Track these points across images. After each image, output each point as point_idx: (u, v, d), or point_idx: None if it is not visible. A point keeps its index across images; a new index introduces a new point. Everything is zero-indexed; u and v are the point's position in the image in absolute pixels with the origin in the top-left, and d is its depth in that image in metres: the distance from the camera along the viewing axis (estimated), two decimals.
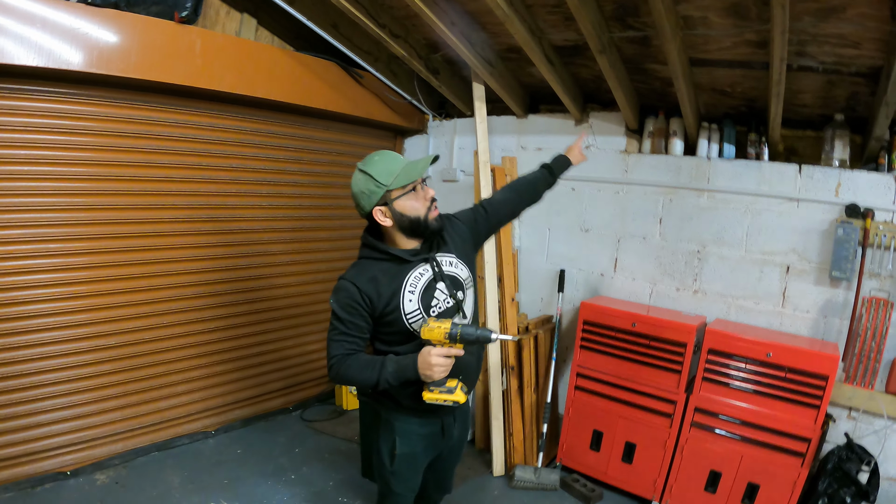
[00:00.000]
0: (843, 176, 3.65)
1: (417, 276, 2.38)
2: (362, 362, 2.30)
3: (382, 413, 2.56)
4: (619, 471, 4.05)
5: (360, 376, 2.29)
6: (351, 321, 2.32)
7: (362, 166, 2.33)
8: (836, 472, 3.34)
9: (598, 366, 4.13)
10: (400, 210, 2.32)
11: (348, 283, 2.32)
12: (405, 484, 2.60)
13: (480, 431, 4.71)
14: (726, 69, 3.72)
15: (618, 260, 4.55)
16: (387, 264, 2.38)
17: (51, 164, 3.60)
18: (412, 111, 5.50)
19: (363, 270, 2.36)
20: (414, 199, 2.34)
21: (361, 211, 2.36)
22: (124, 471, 4.01)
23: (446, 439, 2.63)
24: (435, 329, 2.23)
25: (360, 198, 2.33)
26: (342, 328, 2.32)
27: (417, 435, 2.52)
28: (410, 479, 2.61)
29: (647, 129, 4.40)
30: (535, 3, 3.64)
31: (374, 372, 2.26)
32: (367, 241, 2.43)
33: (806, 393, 3.37)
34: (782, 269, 3.87)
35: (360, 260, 2.43)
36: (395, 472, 2.55)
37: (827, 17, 3.01)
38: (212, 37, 3.89)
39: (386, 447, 2.54)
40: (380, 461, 2.58)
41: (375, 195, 2.29)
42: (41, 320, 3.68)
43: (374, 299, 2.31)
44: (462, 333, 2.21)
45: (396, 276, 2.36)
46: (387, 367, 2.25)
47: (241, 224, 4.62)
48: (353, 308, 2.31)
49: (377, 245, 2.40)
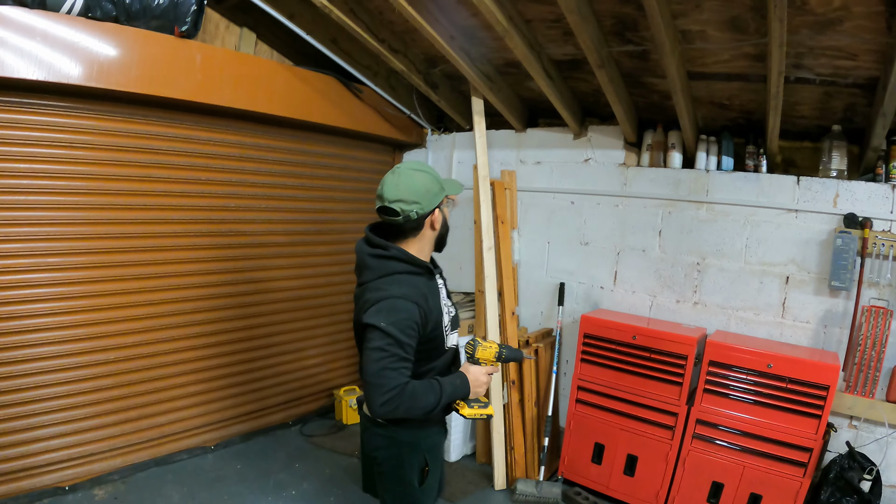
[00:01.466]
0: (841, 186, 3.67)
1: (441, 287, 2.43)
2: (422, 388, 2.17)
3: (402, 437, 2.37)
4: (621, 483, 4.03)
5: (424, 403, 2.16)
6: (410, 345, 2.15)
7: (418, 168, 2.30)
8: (839, 481, 3.34)
9: (599, 378, 4.12)
10: (445, 216, 2.40)
11: (408, 302, 2.16)
12: (431, 496, 2.51)
13: (482, 445, 4.70)
14: (724, 82, 3.76)
15: (617, 273, 4.56)
16: (423, 279, 2.31)
17: (50, 178, 3.60)
18: (411, 125, 5.52)
19: (412, 287, 2.22)
20: (446, 213, 2.43)
21: (419, 209, 2.25)
22: (123, 486, 3.97)
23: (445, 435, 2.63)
24: (488, 349, 2.38)
25: (422, 195, 2.24)
26: (402, 353, 2.12)
27: (440, 444, 2.51)
28: (435, 485, 2.52)
29: (645, 142, 4.43)
30: (535, 18, 3.68)
31: (437, 395, 2.19)
32: (403, 256, 2.28)
33: (807, 403, 3.37)
34: (782, 280, 3.88)
35: (400, 276, 2.25)
36: (426, 489, 2.44)
37: (824, 29, 3.05)
38: (211, 51, 3.91)
39: (414, 470, 2.39)
40: (404, 485, 2.42)
41: (438, 196, 2.30)
42: (40, 334, 3.67)
43: (429, 315, 2.24)
44: (507, 354, 2.40)
45: (434, 290, 2.34)
46: (445, 388, 2.21)
47: (240, 238, 4.62)
48: (413, 330, 2.16)
49: (415, 259, 2.29)
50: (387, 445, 2.37)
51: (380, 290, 2.18)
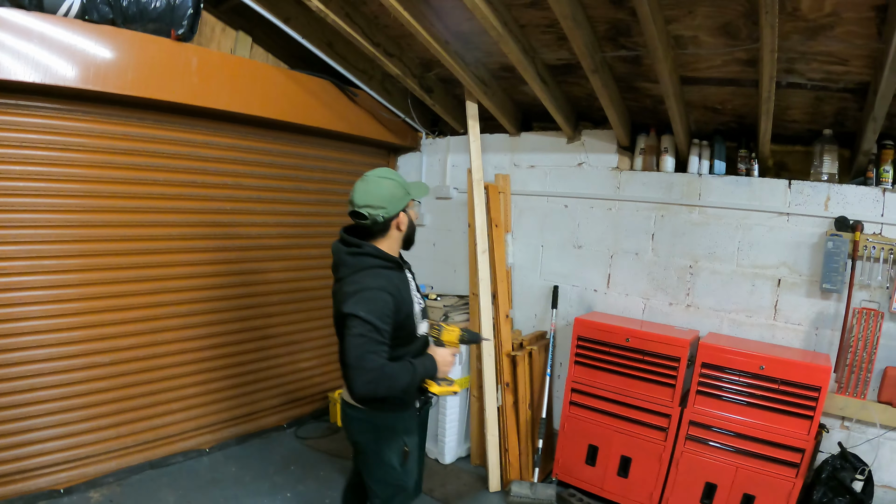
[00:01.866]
0: (832, 190, 3.71)
1: (410, 280, 2.72)
2: (398, 369, 2.41)
3: (379, 422, 2.63)
4: (614, 485, 4.05)
5: (398, 382, 2.39)
6: (387, 330, 2.39)
7: (385, 175, 2.59)
8: (831, 482, 3.37)
9: (592, 381, 4.14)
10: (411, 218, 2.67)
11: (383, 292, 2.42)
12: (413, 476, 2.80)
13: (476, 447, 4.71)
14: (717, 87, 3.79)
15: (611, 276, 4.58)
16: (395, 272, 2.58)
17: (45, 180, 3.60)
18: (406, 129, 5.54)
19: (386, 280, 2.48)
20: (414, 213, 2.71)
21: (385, 213, 2.51)
22: (118, 489, 3.97)
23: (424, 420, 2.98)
24: (452, 332, 2.75)
25: (388, 201, 2.51)
26: (380, 338, 2.35)
27: (416, 426, 2.78)
28: (416, 468, 2.83)
29: (638, 146, 4.47)
30: (529, 23, 3.70)
31: (411, 374, 2.46)
32: (376, 252, 2.54)
33: (799, 404, 3.40)
34: (774, 283, 3.91)
35: (374, 270, 2.50)
36: (407, 469, 2.71)
37: (815, 35, 3.09)
38: (208, 54, 3.92)
39: (394, 451, 2.64)
40: (387, 468, 2.66)
41: (403, 201, 2.57)
42: (34, 336, 3.67)
43: (401, 305, 2.50)
44: (468, 337, 2.77)
45: (405, 284, 2.62)
46: (417, 368, 2.50)
47: (235, 241, 4.63)
48: (388, 317, 2.41)
49: (386, 255, 2.57)
50: (366, 430, 2.63)
51: (357, 283, 2.43)
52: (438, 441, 4.71)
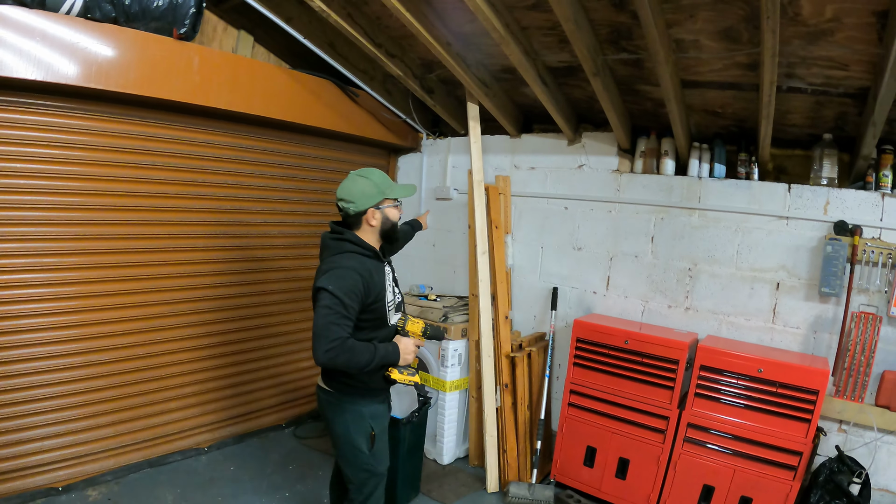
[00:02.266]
0: (832, 194, 3.72)
1: (387, 272, 2.94)
2: (360, 346, 2.61)
3: (347, 404, 2.83)
4: (612, 486, 4.06)
5: (359, 358, 2.59)
6: (352, 306, 2.60)
7: (361, 174, 2.85)
8: (828, 485, 3.37)
9: (591, 382, 4.15)
10: (387, 215, 2.86)
11: (353, 272, 2.64)
12: (384, 461, 2.98)
13: (474, 448, 4.72)
14: (717, 90, 3.80)
15: (610, 278, 4.59)
16: (372, 260, 2.82)
17: (47, 178, 3.61)
18: (406, 130, 5.55)
19: (359, 262, 2.72)
20: (396, 210, 2.92)
21: (354, 208, 2.77)
22: (116, 487, 3.98)
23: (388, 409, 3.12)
24: (416, 324, 2.99)
25: (358, 197, 2.77)
26: (345, 312, 2.56)
27: (382, 412, 2.98)
28: (385, 453, 3.00)
29: (639, 148, 4.47)
30: (531, 25, 3.71)
31: (371, 354, 2.64)
32: (355, 239, 2.79)
33: (797, 407, 3.41)
34: (772, 286, 3.92)
35: (349, 254, 2.75)
36: (376, 453, 2.89)
37: (816, 40, 3.10)
38: (209, 54, 3.92)
39: (361, 434, 2.84)
40: (355, 450, 2.85)
41: (374, 198, 2.79)
42: (34, 335, 3.67)
43: (370, 288, 2.71)
44: (430, 332, 3.04)
45: (380, 272, 2.85)
46: (378, 350, 2.68)
47: (235, 240, 4.63)
48: (355, 294, 2.62)
49: (365, 243, 2.81)
50: (336, 413, 2.83)
51: (332, 262, 2.69)
52: (437, 441, 4.72)
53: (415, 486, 4.22)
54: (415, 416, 3.93)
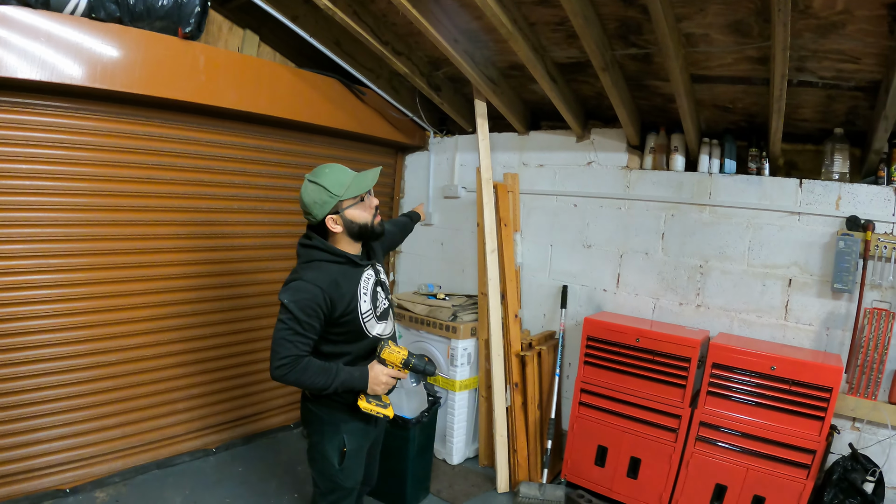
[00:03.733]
0: (844, 189, 3.68)
1: (366, 278, 2.66)
2: (315, 368, 2.44)
3: (325, 416, 2.67)
4: (624, 486, 4.03)
5: (312, 380, 2.43)
6: (308, 322, 2.41)
7: (312, 178, 2.55)
8: (842, 483, 3.33)
9: (602, 381, 4.12)
10: (350, 218, 2.57)
11: (310, 284, 2.43)
12: (353, 478, 2.78)
13: (484, 448, 4.70)
14: (727, 85, 3.76)
15: (620, 275, 4.56)
16: (343, 267, 2.58)
17: (52, 179, 3.59)
18: (413, 128, 5.53)
19: (323, 273, 2.50)
20: (361, 209, 2.60)
21: (312, 219, 2.57)
22: (124, 489, 3.96)
23: (376, 428, 2.89)
24: (395, 353, 2.60)
25: (311, 207, 2.53)
26: (298, 328, 2.40)
27: (361, 430, 2.73)
28: (357, 471, 2.79)
29: (648, 144, 4.44)
30: (539, 21, 3.68)
31: (328, 379, 2.45)
32: (322, 245, 2.57)
33: (810, 405, 3.37)
34: (784, 283, 3.88)
35: (315, 262, 2.54)
36: (345, 469, 2.71)
37: (827, 33, 3.05)
38: (215, 53, 3.90)
39: (333, 447, 2.68)
40: (325, 461, 2.70)
41: (328, 205, 2.52)
42: (41, 336, 3.66)
43: (337, 301, 2.48)
44: (415, 364, 2.61)
45: (352, 279, 2.59)
46: (339, 376, 2.48)
47: (242, 240, 4.62)
48: (312, 310, 2.42)
49: (333, 249, 2.58)
50: (313, 420, 2.70)
51: (296, 273, 2.51)
52: (446, 442, 4.69)
53: (424, 486, 4.19)
54: (424, 416, 3.93)
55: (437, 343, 4.66)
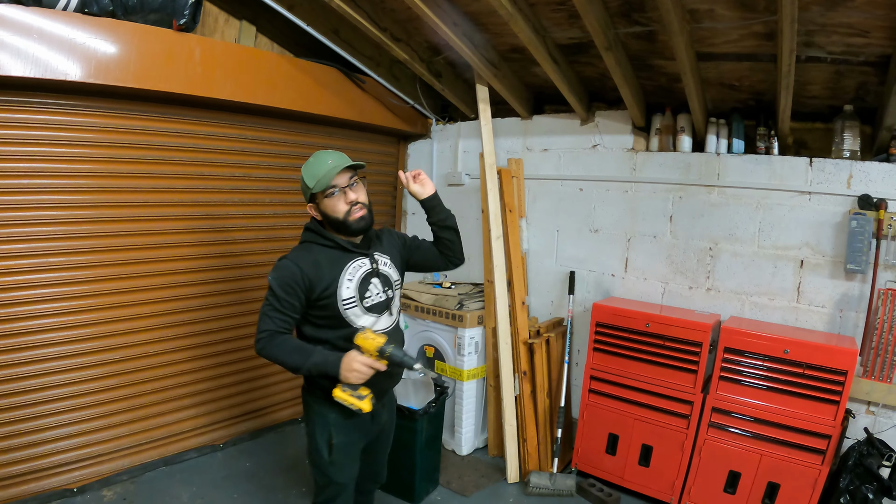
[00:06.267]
0: (855, 167, 3.60)
1: (357, 266, 2.62)
2: (291, 346, 2.47)
3: (315, 405, 2.66)
4: (636, 474, 3.99)
5: (286, 358, 2.44)
6: (287, 300, 2.46)
7: (305, 165, 2.60)
8: (857, 468, 3.27)
9: (611, 368, 4.07)
10: (324, 209, 2.57)
11: (291, 263, 2.49)
12: (344, 472, 2.72)
13: (494, 438, 4.65)
14: (734, 62, 3.69)
15: (628, 260, 4.50)
16: (331, 251, 2.59)
17: (50, 177, 3.56)
18: (415, 115, 5.47)
19: (308, 253, 2.56)
20: (335, 201, 2.55)
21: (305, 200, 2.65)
22: (132, 486, 3.95)
23: (375, 424, 2.80)
24: (369, 340, 2.44)
25: (302, 192, 2.62)
26: (277, 305, 2.45)
27: (352, 424, 2.65)
28: (348, 467, 2.73)
29: (654, 126, 4.36)
30: (539, 1, 3.61)
31: (302, 358, 2.43)
32: (314, 228, 2.64)
33: (825, 389, 3.31)
34: (796, 264, 3.81)
35: (305, 243, 2.63)
36: (334, 462, 2.66)
37: (835, 5, 2.98)
38: (211, 44, 3.84)
39: (322, 439, 2.64)
40: (317, 452, 2.67)
41: (307, 193, 2.59)
42: (46, 335, 3.63)
43: (314, 282, 2.49)
44: (391, 353, 2.42)
45: (337, 263, 2.57)
46: (313, 357, 2.43)
47: (245, 234, 4.58)
48: (291, 288, 2.46)
49: (323, 232, 2.61)
50: (307, 411, 2.71)
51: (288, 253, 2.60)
52: (455, 432, 4.65)
53: (433, 478, 4.15)
54: (432, 406, 3.89)
55: (444, 332, 4.61)
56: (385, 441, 3.00)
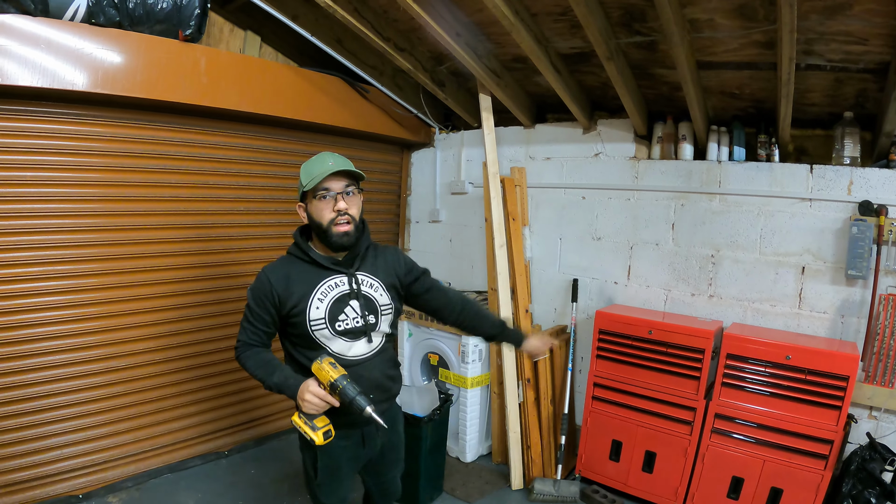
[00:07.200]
0: (855, 174, 3.61)
1: (332, 285, 2.45)
2: (259, 360, 2.40)
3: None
4: (639, 480, 3.99)
5: (254, 371, 2.38)
6: (258, 312, 2.42)
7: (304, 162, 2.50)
8: (860, 473, 3.27)
9: (615, 375, 4.08)
10: (310, 212, 2.46)
11: (264, 275, 2.44)
12: (332, 494, 2.62)
13: (498, 445, 4.66)
14: (734, 71, 3.71)
15: (631, 267, 4.51)
16: (306, 266, 2.48)
17: (57, 186, 3.59)
18: (418, 124, 5.50)
19: (282, 266, 2.48)
20: (324, 206, 2.41)
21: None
22: (137, 493, 3.96)
23: (368, 449, 2.63)
24: (323, 371, 2.21)
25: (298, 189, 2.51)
26: (250, 317, 2.44)
27: (338, 447, 2.46)
28: (336, 489, 2.62)
29: (655, 134, 4.38)
30: (541, 11, 3.65)
31: (266, 373, 2.34)
32: (296, 238, 2.55)
33: (827, 394, 3.32)
34: (797, 270, 3.83)
35: (287, 255, 2.56)
36: (321, 484, 2.57)
37: (834, 14, 3.01)
38: (216, 55, 3.89)
39: (309, 460, 2.56)
40: (305, 472, 2.64)
41: (300, 190, 2.47)
42: (51, 342, 3.66)
43: (283, 297, 2.40)
44: (342, 389, 2.17)
45: (310, 280, 2.44)
46: (274, 376, 2.33)
47: (249, 242, 4.60)
48: (261, 301, 2.42)
49: (301, 243, 2.51)
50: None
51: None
52: (459, 439, 4.67)
53: (437, 485, 4.16)
54: (436, 413, 3.90)
55: (448, 340, 4.63)
56: (391, 458, 2.81)
